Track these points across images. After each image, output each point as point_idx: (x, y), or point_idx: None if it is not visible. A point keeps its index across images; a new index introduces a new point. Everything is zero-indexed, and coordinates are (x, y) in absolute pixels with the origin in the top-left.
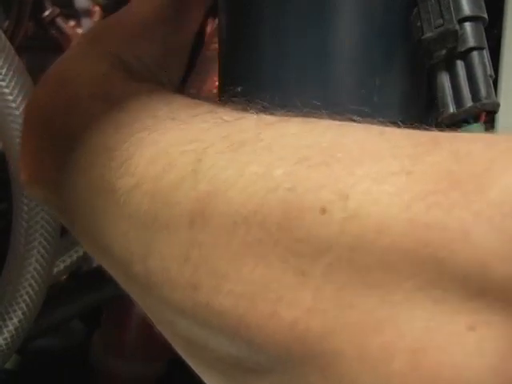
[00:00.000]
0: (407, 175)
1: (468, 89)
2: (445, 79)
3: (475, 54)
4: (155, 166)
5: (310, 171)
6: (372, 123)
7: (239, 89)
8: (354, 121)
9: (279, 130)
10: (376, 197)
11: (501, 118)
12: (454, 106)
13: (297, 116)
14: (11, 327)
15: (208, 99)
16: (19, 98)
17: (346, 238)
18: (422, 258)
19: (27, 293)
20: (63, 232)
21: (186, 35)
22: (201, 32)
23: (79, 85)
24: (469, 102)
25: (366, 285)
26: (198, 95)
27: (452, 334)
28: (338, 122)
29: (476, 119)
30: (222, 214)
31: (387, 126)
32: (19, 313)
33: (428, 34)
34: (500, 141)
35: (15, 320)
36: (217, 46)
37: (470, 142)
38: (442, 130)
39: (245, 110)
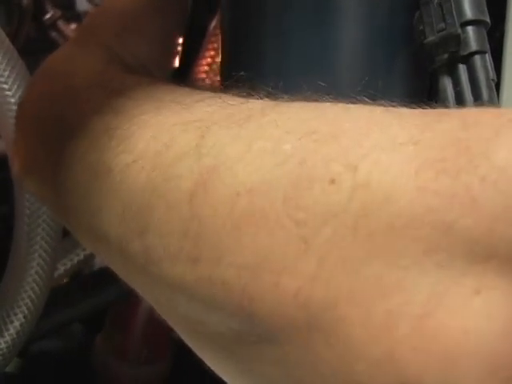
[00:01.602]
0: (415, 144)
1: (470, 93)
2: (447, 83)
3: (477, 57)
4: (156, 142)
5: (318, 144)
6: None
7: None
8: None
9: (284, 108)
10: (384, 166)
11: None
12: None
13: (301, 99)
14: (12, 330)
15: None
16: None
17: (354, 205)
18: (429, 222)
19: (29, 296)
20: (64, 235)
21: (177, 21)
22: (203, 26)
23: (77, 77)
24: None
25: (371, 251)
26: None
27: (458, 297)
28: (343, 103)
29: None
30: (225, 186)
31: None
32: (20, 316)
33: (430, 38)
34: (508, 112)
35: (16, 323)
36: None
37: (478, 112)
38: None
39: (249, 95)
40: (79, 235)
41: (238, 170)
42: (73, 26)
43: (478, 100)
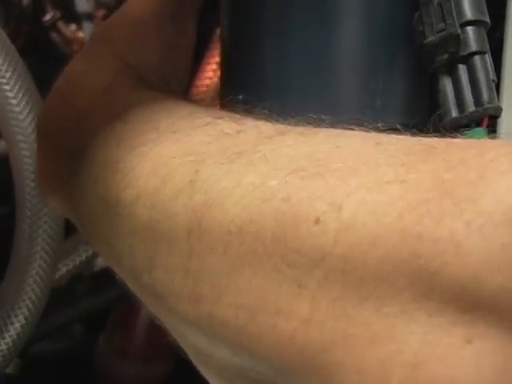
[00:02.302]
0: (401, 184)
1: (470, 93)
2: (447, 84)
3: (477, 58)
4: (155, 177)
5: (305, 182)
6: (373, 131)
7: (240, 97)
8: (354, 129)
9: (276, 143)
10: (369, 206)
11: (503, 122)
12: (457, 111)
13: (296, 125)
14: (13, 331)
15: (209, 105)
16: (23, 102)
17: (340, 248)
18: (414, 269)
19: (29, 297)
20: (66, 236)
21: (188, 29)
22: (206, 33)
23: (81, 98)
24: (471, 107)
25: (361, 296)
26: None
27: (450, 347)
28: (335, 132)
29: (478, 124)
30: (217, 224)
31: (387, 133)
32: (21, 317)
33: (430, 39)
34: (494, 147)
35: (17, 325)
36: None
37: (463, 148)
38: (443, 135)
39: (246, 118)
40: (101, 255)
41: (228, 206)
42: (72, 27)
43: (478, 101)
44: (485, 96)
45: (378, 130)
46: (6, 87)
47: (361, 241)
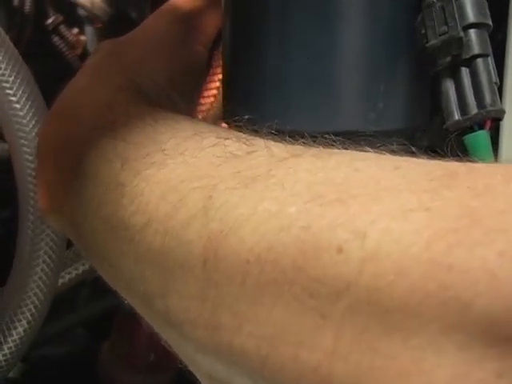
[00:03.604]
0: (426, 211)
1: (473, 96)
2: (449, 86)
3: (480, 61)
4: (165, 203)
5: (325, 209)
6: (387, 152)
7: (246, 117)
8: (368, 151)
9: (291, 167)
10: (394, 235)
11: (506, 124)
12: (459, 114)
13: (308, 148)
14: (16, 336)
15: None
16: (26, 107)
17: (365, 278)
18: (444, 300)
19: (32, 302)
20: (70, 244)
21: (199, 52)
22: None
23: (83, 114)
24: (474, 110)
25: (387, 328)
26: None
27: (481, 381)
28: (350, 155)
29: (481, 126)
30: (234, 252)
31: (401, 154)
32: (24, 322)
33: (432, 42)
34: None
35: (20, 329)
36: None
37: (487, 175)
38: (460, 159)
39: (254, 139)
40: (104, 277)
41: (244, 234)
42: (75, 30)
43: (480, 103)
44: (487, 99)
45: (391, 151)
46: (10, 91)
47: (386, 271)
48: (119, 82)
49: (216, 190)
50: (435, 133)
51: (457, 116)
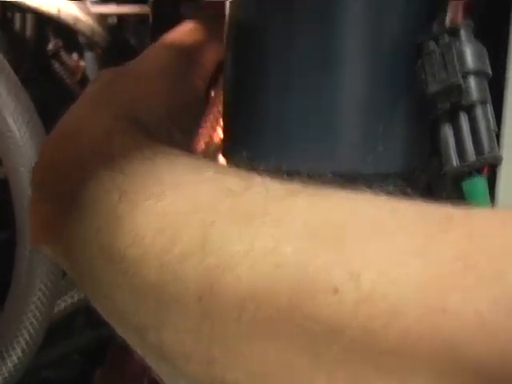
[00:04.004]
0: (421, 255)
1: (471, 142)
2: (448, 132)
3: (479, 108)
4: (162, 236)
5: (321, 249)
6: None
7: (244, 154)
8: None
9: (288, 205)
10: (390, 277)
11: (503, 169)
12: (457, 159)
13: (305, 187)
14: (10, 364)
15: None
16: (26, 135)
17: (360, 319)
18: (438, 344)
19: (28, 331)
20: (66, 272)
21: (199, 87)
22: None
23: (80, 143)
24: (472, 156)
25: (380, 371)
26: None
27: None
28: (348, 196)
29: (479, 172)
30: (231, 289)
31: (396, 195)
32: (18, 351)
33: (432, 88)
34: None
35: (14, 357)
36: None
37: (483, 220)
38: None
39: (252, 175)
40: (96, 307)
41: (241, 272)
42: (74, 55)
43: (478, 150)
44: (485, 146)
45: (388, 192)
46: (10, 120)
47: (381, 312)
48: (118, 112)
49: (213, 225)
50: (433, 172)
51: (455, 162)
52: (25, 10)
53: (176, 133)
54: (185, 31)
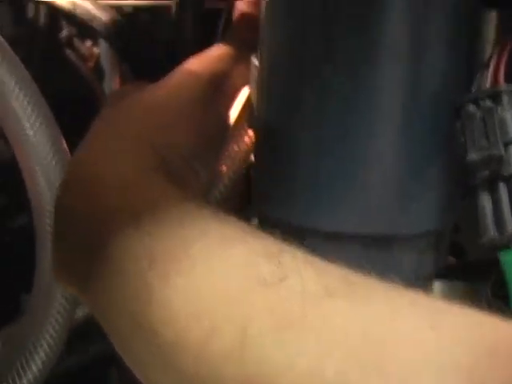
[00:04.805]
0: None
1: (510, 213)
2: (486, 201)
3: None
4: (198, 326)
5: (363, 375)
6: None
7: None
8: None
9: (327, 310)
10: None
11: None
12: (495, 230)
13: (342, 280)
14: (34, 369)
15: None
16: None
17: None
18: None
19: (51, 336)
20: None
21: (222, 116)
22: None
23: (106, 195)
24: (510, 228)
25: None
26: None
27: None
28: (386, 302)
29: None
30: None
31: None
32: (42, 354)
33: (472, 156)
34: None
35: (39, 362)
36: None
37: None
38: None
39: (284, 257)
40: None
41: None
42: (88, 43)
43: None
44: None
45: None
46: (27, 124)
47: None
48: (144, 153)
49: (251, 326)
50: (461, 215)
51: (492, 232)
52: None
53: (199, 168)
54: (214, 57)
